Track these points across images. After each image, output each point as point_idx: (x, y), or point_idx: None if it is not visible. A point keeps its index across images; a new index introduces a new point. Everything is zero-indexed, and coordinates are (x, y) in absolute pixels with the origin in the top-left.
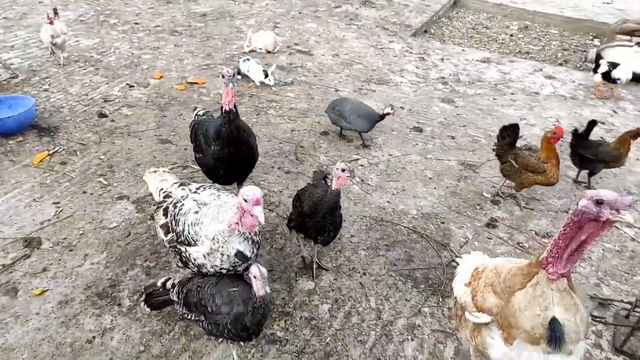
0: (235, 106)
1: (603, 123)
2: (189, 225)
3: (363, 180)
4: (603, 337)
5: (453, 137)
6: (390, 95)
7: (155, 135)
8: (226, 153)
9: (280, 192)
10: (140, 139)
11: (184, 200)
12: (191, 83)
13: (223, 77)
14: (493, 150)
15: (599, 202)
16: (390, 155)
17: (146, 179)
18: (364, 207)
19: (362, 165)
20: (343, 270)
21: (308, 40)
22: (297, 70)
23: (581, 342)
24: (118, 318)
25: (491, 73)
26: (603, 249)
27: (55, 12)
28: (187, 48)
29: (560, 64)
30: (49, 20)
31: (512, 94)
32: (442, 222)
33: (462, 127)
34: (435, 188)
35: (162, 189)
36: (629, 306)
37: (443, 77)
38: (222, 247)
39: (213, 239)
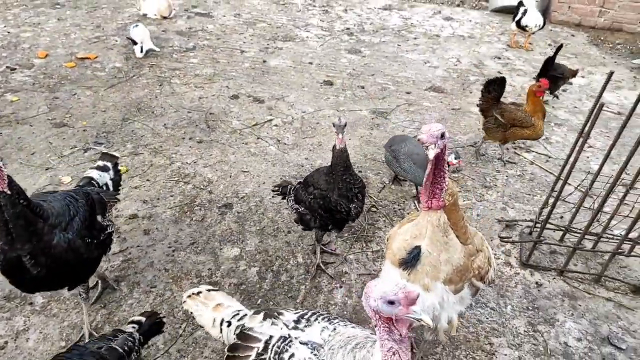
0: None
1: (499, 58)
2: None
3: (279, 140)
4: (511, 255)
5: (363, 87)
6: (297, 51)
7: (48, 119)
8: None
9: (195, 162)
10: (31, 125)
11: (289, 347)
12: (82, 59)
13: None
14: (477, 105)
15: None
16: (304, 112)
17: (189, 307)
18: (282, 166)
19: (276, 126)
20: (268, 232)
21: (206, 1)
22: (197, 35)
23: (442, 284)
24: (32, 317)
25: (394, 20)
26: (507, 176)
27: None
28: (72, 21)
29: (458, 5)
30: None
31: (415, 38)
32: (360, 171)
33: (371, 76)
34: (350, 139)
35: (224, 321)
36: (531, 224)
37: (348, 28)
38: None
39: None
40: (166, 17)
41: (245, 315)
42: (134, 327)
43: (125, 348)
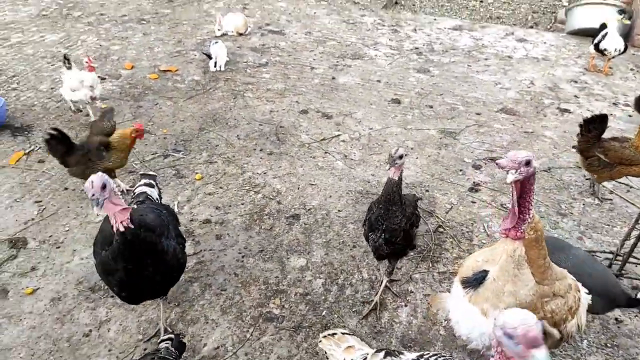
0: None
1: (576, 82)
2: None
3: (346, 156)
4: None
5: (431, 106)
6: (366, 69)
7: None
8: None
9: (265, 173)
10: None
11: None
12: (164, 71)
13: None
14: (574, 147)
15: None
16: (371, 129)
17: (323, 346)
18: (348, 181)
19: (344, 141)
20: (333, 245)
21: (279, 20)
22: (270, 51)
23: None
24: (113, 310)
25: (464, 40)
26: (584, 204)
27: (67, 59)
28: (156, 36)
29: (531, 27)
30: (88, 66)
31: (486, 59)
32: (427, 190)
33: (439, 95)
34: (417, 157)
35: None
36: (611, 256)
37: (417, 48)
38: None
39: None
40: (242, 33)
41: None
42: (167, 344)
43: (172, 357)
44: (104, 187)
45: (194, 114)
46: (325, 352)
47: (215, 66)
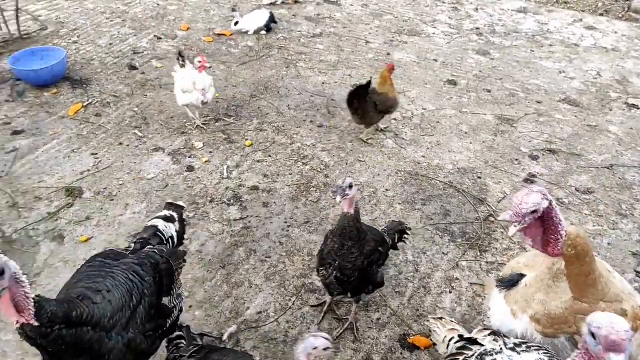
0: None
1: None
2: None
3: (397, 135)
4: None
5: (489, 91)
6: (422, 47)
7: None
8: None
9: (314, 145)
10: (171, 91)
11: (494, 356)
12: (219, 35)
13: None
14: None
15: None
16: (424, 109)
17: (431, 325)
18: (398, 161)
19: (395, 120)
20: (380, 224)
21: None
22: (325, 22)
23: (528, 319)
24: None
25: (528, 24)
26: None
27: (182, 56)
28: None
29: (602, 14)
30: (200, 66)
31: (551, 45)
32: (479, 177)
33: (499, 80)
34: (471, 143)
35: (453, 339)
36: None
37: (477, 28)
38: None
39: None
40: (297, 1)
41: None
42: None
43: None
44: (2, 272)
45: (246, 80)
46: (431, 329)
47: (235, 25)
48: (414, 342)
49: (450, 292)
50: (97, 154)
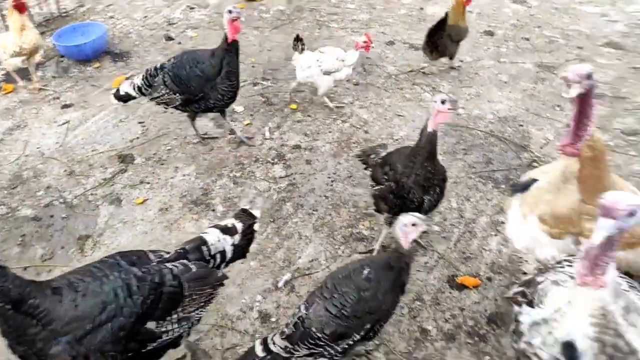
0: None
1: None
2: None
3: (434, 88)
4: None
5: (527, 39)
6: None
7: None
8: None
9: (352, 103)
10: None
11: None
12: (250, 1)
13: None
14: None
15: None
16: (462, 61)
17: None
18: None
19: (432, 73)
20: None
21: None
22: None
23: (535, 220)
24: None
25: None
26: None
27: (300, 40)
28: None
29: None
30: (366, 46)
31: None
32: (521, 125)
33: (537, 27)
34: (510, 92)
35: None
36: None
37: None
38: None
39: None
40: None
41: None
42: None
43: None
44: None
45: (280, 43)
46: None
47: None
48: (463, 282)
49: (496, 235)
50: (143, 122)
